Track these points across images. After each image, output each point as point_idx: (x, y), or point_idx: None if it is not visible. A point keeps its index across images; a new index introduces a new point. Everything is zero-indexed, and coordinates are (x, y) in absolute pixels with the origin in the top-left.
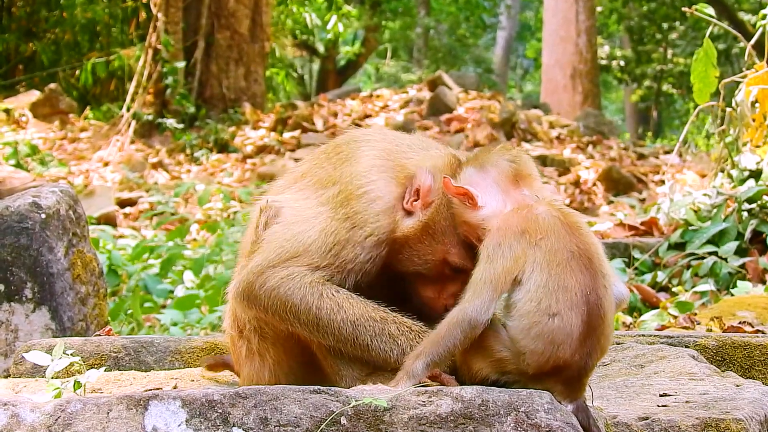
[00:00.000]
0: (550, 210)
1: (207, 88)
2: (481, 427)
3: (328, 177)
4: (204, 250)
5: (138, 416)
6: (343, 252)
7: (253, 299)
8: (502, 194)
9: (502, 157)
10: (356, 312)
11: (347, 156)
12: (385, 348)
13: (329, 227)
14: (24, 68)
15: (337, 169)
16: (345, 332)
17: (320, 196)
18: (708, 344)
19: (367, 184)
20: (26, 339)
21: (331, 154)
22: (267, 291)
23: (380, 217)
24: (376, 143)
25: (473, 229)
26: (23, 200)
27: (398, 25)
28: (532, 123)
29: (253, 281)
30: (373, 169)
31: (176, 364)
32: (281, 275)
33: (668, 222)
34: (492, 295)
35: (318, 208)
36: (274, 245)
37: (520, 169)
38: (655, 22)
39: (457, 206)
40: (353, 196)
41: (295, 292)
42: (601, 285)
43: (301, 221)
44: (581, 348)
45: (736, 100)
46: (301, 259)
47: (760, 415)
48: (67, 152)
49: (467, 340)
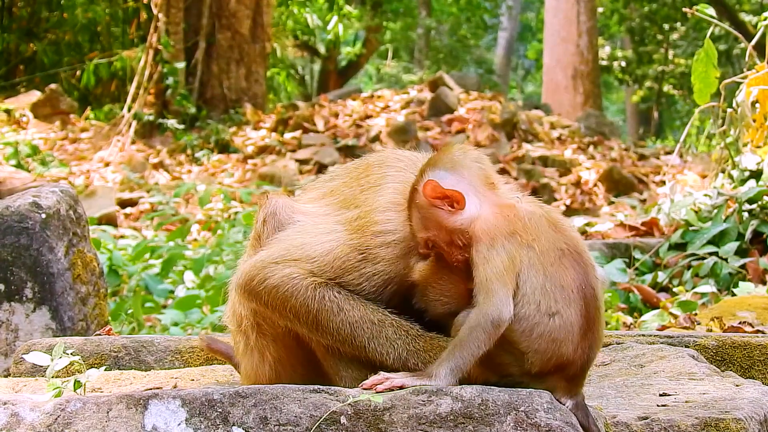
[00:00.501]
0: (534, 209)
1: (208, 89)
2: (481, 427)
3: (353, 198)
4: (205, 251)
5: (138, 415)
6: (348, 277)
7: (253, 293)
8: (478, 196)
9: (467, 158)
10: (355, 314)
11: (374, 182)
12: (382, 351)
13: (339, 250)
14: (25, 68)
15: (363, 193)
16: (343, 333)
17: (339, 215)
18: (708, 344)
19: (386, 223)
20: (26, 339)
21: (361, 176)
22: (268, 287)
23: (393, 261)
24: (400, 175)
25: (450, 234)
26: (23, 200)
27: (399, 25)
28: (533, 124)
29: (254, 275)
30: (394, 206)
31: (176, 363)
32: (284, 273)
33: (669, 222)
34: (505, 290)
35: (334, 226)
36: (281, 245)
37: (486, 169)
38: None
39: (431, 210)
40: (369, 231)
41: (296, 291)
42: (593, 277)
43: (314, 233)
44: (583, 342)
45: (736, 100)
46: (305, 265)
47: (759, 415)
48: (68, 152)
49: (491, 340)
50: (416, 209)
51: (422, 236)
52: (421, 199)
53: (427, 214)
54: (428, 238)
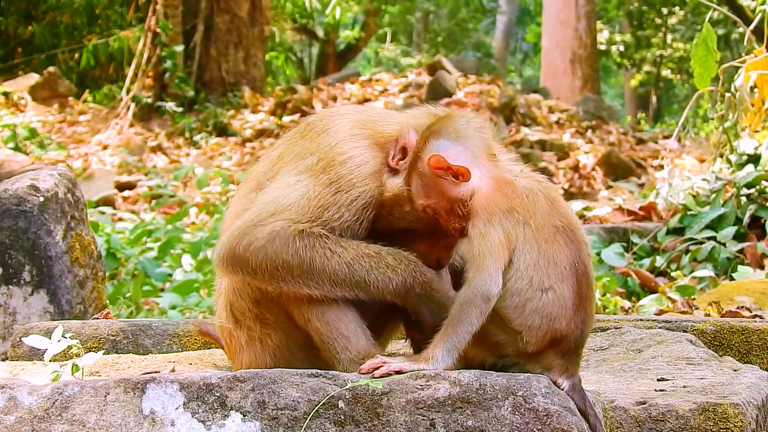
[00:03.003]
0: (532, 185)
1: (206, 72)
2: (479, 411)
3: (304, 150)
4: (203, 234)
5: (136, 399)
6: (327, 213)
7: (238, 261)
8: (479, 168)
9: (470, 127)
10: (350, 252)
11: (322, 129)
12: (384, 279)
13: (311, 192)
14: (23, 51)
15: (314, 141)
16: (341, 274)
17: (297, 166)
18: (706, 329)
19: (350, 151)
20: (24, 322)
21: (305, 131)
22: (253, 250)
23: (368, 180)
24: (349, 116)
25: (451, 203)
26: (21, 183)
27: (398, 9)
28: (531, 107)
29: (234, 244)
30: (352, 137)
31: (174, 347)
32: (266, 231)
33: (667, 207)
34: (496, 266)
35: (296, 177)
36: (253, 211)
37: (488, 139)
38: (654, 7)
39: (434, 180)
40: (335, 163)
41: (284, 244)
42: (585, 254)
43: (281, 188)
44: (575, 317)
45: (735, 85)
46: (283, 214)
47: (757, 400)
48: (66, 135)
49: (483, 315)
50: (418, 176)
51: (421, 203)
52: (424, 168)
53: (429, 183)
54: (428, 205)
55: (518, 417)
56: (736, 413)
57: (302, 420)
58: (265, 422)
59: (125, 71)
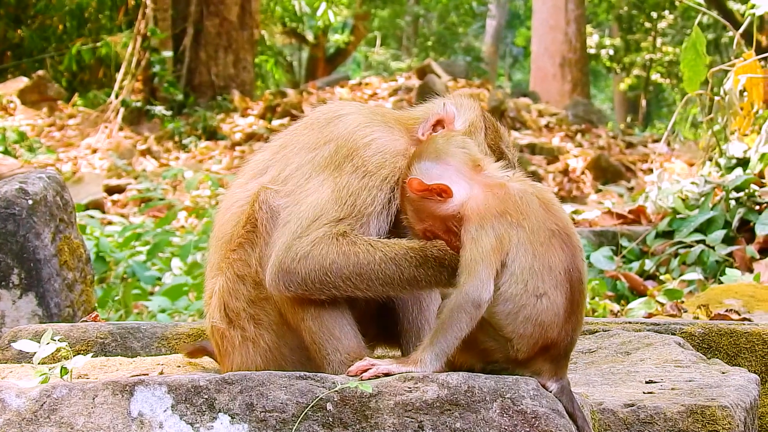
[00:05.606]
0: (525, 188)
1: (196, 76)
2: (467, 414)
3: (314, 140)
4: (192, 237)
5: (124, 401)
6: (359, 200)
7: (289, 276)
8: (466, 181)
9: (451, 145)
10: (392, 249)
11: (332, 117)
12: (435, 273)
13: (339, 183)
14: (12, 54)
15: (324, 130)
16: (389, 271)
17: (313, 158)
18: (694, 332)
19: (373, 132)
20: (13, 325)
21: (310, 123)
22: (301, 261)
23: (398, 158)
24: (359, 105)
25: (444, 221)
26: (10, 186)
27: (388, 13)
28: (521, 111)
29: (282, 258)
30: (372, 121)
31: (163, 350)
32: (308, 241)
33: (656, 210)
34: (487, 272)
35: (320, 176)
36: (291, 224)
37: (471, 153)
38: (644, 11)
39: (422, 203)
40: (358, 147)
41: (328, 249)
42: (580, 260)
43: (311, 193)
44: (566, 325)
45: (724, 88)
46: (321, 219)
47: (745, 402)
48: (56, 139)
49: (473, 321)
50: (408, 203)
51: (420, 228)
52: (410, 194)
53: (418, 207)
54: (425, 228)
55: (506, 419)
56: (725, 416)
57: (291, 422)
58: (254, 424)
59: (115, 75)
